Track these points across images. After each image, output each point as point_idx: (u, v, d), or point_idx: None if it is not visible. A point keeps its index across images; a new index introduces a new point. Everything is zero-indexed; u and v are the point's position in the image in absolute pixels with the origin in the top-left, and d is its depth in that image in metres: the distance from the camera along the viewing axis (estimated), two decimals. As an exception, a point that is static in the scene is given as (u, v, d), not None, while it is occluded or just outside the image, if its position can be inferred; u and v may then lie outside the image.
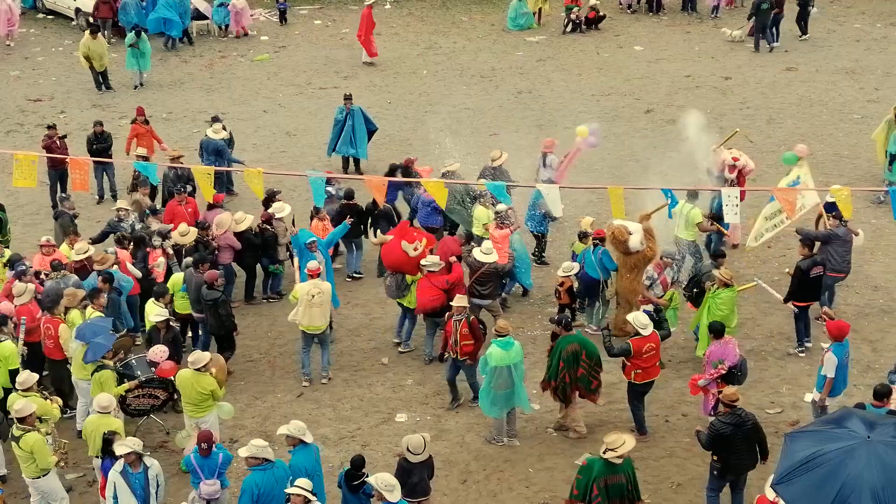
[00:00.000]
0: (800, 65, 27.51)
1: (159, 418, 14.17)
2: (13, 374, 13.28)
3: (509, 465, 13.42)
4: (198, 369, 12.75)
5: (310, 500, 10.66)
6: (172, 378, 13.44)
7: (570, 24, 30.81)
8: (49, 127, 20.34)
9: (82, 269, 15.46)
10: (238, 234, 16.64)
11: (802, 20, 29.37)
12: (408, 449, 11.49)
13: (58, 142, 19.84)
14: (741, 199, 16.34)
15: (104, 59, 26.29)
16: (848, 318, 16.09)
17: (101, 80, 26.61)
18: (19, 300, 14.31)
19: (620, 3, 32.80)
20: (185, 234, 16.36)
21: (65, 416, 13.58)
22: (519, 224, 17.17)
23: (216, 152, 19.75)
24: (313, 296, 14.67)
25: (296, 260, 16.08)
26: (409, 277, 15.63)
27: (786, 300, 15.48)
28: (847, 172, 20.52)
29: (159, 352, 13.60)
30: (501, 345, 13.27)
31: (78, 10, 31.19)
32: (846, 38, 29.50)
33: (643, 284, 15.25)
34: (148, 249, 16.08)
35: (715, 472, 12.01)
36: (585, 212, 18.13)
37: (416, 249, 15.57)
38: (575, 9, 30.80)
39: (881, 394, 12.06)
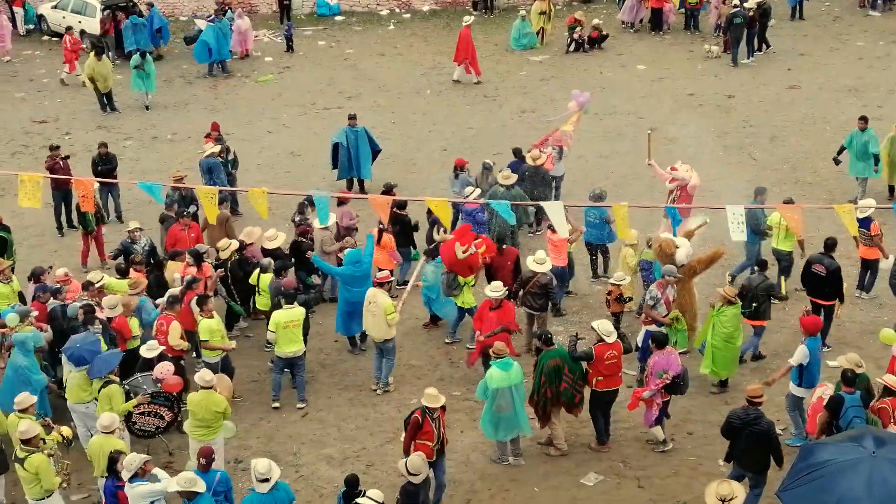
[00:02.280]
0: (803, 83, 27.56)
1: (164, 438, 14.13)
2: None
3: (514, 485, 13.38)
4: (207, 388, 12.80)
5: None
6: (176, 395, 13.46)
7: (573, 43, 30.89)
8: (52, 148, 20.40)
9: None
10: (269, 251, 16.77)
11: (761, 35, 29.57)
12: (408, 472, 11.47)
13: (61, 163, 19.89)
14: (686, 215, 16.81)
15: (109, 80, 26.44)
16: (852, 335, 16.20)
17: (106, 101, 26.73)
18: (112, 312, 14.52)
19: (623, 23, 32.89)
20: (224, 248, 16.52)
21: (71, 445, 13.51)
22: (582, 230, 17.39)
23: (208, 170, 19.89)
24: (370, 303, 14.97)
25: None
26: (460, 279, 16.00)
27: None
28: (850, 189, 20.51)
29: (165, 368, 13.60)
30: (501, 366, 13.25)
31: (83, 32, 31.33)
32: (849, 56, 29.55)
33: (647, 304, 15.23)
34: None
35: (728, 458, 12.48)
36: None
37: (464, 252, 15.88)
38: (578, 28, 30.87)
39: (850, 379, 12.36)
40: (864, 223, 16.35)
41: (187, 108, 27.16)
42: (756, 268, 15.82)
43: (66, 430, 12.84)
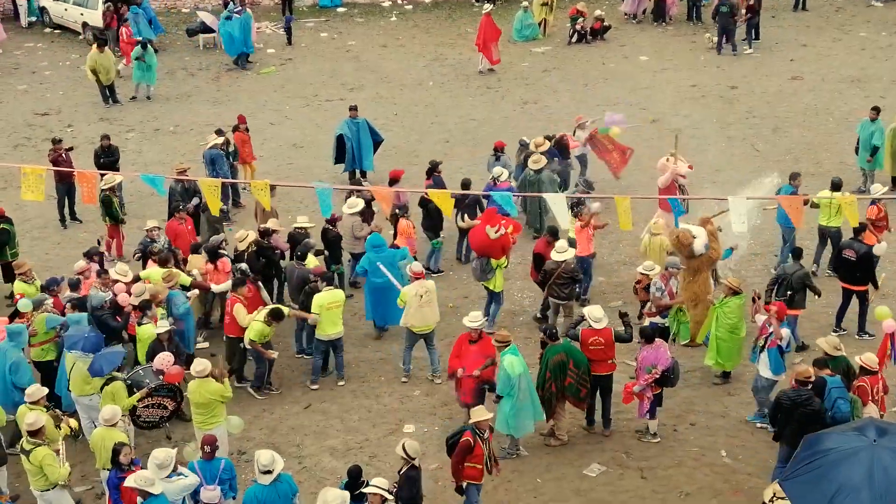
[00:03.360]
0: (805, 74, 27.52)
1: (180, 418, 14.17)
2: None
3: (517, 476, 13.39)
4: (201, 377, 12.85)
5: None
6: (179, 384, 13.51)
7: (576, 34, 30.85)
8: (54, 141, 20.38)
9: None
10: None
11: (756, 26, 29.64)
12: (408, 455, 11.42)
13: (64, 155, 19.90)
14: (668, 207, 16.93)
15: (111, 72, 26.40)
16: (855, 325, 16.14)
17: (109, 93, 26.70)
18: (138, 301, 14.65)
19: (626, 14, 32.84)
20: (242, 239, 16.61)
21: (79, 437, 13.54)
22: (604, 223, 17.50)
23: (211, 161, 19.91)
24: (421, 296, 14.98)
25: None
26: (493, 262, 16.08)
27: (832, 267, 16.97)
28: (853, 181, 20.49)
29: (165, 359, 13.62)
30: (514, 352, 13.29)
31: (85, 25, 31.35)
32: (852, 46, 29.50)
33: (655, 295, 15.22)
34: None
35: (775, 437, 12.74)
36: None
37: (497, 232, 15.97)
38: (580, 19, 30.81)
39: (823, 363, 12.74)
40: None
41: (189, 100, 27.15)
42: (791, 256, 15.82)
43: (74, 423, 12.88)
